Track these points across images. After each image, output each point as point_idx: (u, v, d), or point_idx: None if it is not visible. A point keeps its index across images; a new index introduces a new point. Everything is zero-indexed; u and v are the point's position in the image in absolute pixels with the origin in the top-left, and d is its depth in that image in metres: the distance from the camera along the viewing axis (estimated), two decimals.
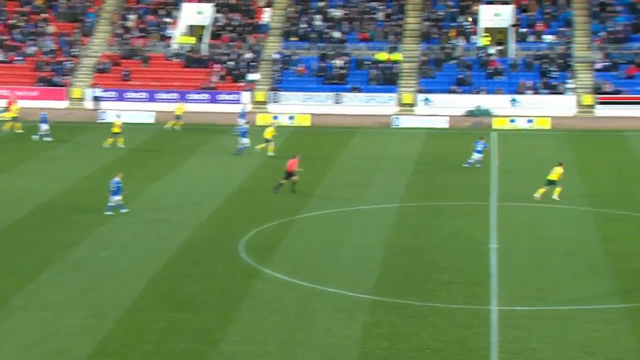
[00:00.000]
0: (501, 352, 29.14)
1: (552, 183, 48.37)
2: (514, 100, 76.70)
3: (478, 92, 77.67)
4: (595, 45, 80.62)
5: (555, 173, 48.48)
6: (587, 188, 51.54)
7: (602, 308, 32.90)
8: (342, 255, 39.38)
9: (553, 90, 77.54)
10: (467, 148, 64.64)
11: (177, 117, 70.24)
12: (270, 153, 60.10)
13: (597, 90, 77.30)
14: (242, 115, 68.71)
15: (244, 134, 61.32)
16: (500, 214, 46.10)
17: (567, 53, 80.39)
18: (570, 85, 77.80)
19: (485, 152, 57.77)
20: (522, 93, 77.26)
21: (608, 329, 30.99)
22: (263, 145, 60.65)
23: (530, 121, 72.85)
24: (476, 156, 56.82)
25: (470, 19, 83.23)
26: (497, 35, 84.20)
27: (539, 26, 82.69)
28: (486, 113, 75.68)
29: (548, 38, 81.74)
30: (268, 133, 61.08)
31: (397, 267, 37.69)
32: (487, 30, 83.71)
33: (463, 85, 78.48)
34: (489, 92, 77.69)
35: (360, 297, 33.94)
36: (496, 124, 72.94)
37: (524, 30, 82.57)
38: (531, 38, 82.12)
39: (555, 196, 48.25)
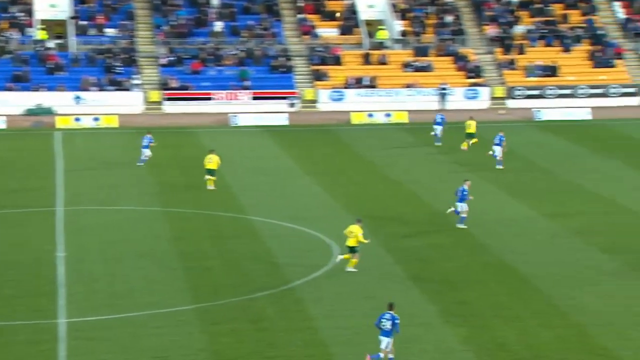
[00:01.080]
0: None
1: (211, 172, 48.87)
2: (78, 97, 73.73)
3: (38, 89, 73.79)
4: (159, 39, 79.47)
5: (214, 162, 49.02)
6: (157, 187, 50.28)
7: (175, 310, 32.31)
8: None
9: (119, 86, 75.41)
10: (27, 150, 61.30)
11: None
12: None
13: (163, 86, 76.21)
14: None
15: None
16: (67, 219, 43.81)
17: (131, 47, 78.51)
18: (136, 81, 76.06)
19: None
20: (87, 90, 74.44)
21: (180, 330, 30.57)
22: None
23: (96, 119, 70.39)
24: (146, 152, 54.53)
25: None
26: (56, 28, 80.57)
27: (100, 19, 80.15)
28: (48, 111, 72.24)
29: (110, 32, 79.44)
30: None
31: None
32: (44, 22, 79.84)
33: (21, 82, 74.27)
34: (50, 89, 74.07)
35: None
36: (60, 123, 69.69)
37: (85, 23, 79.64)
38: (92, 31, 79.34)
39: (210, 186, 48.74)
